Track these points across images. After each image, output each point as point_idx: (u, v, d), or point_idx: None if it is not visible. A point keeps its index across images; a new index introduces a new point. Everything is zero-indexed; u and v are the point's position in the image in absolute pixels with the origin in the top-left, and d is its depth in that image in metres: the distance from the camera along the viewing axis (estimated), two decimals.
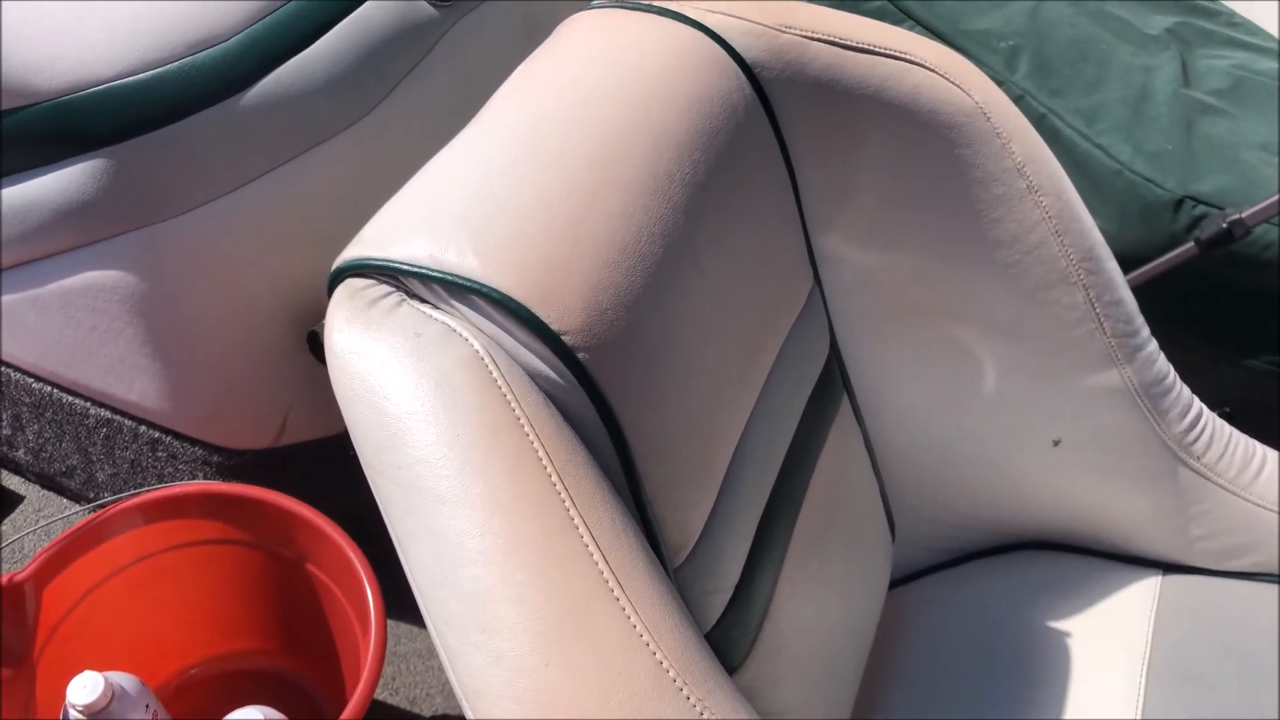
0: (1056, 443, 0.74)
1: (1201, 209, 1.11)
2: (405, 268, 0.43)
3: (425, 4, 0.87)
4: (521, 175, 0.45)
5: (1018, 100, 1.21)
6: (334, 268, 0.45)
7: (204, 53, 0.78)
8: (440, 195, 0.45)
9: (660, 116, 0.50)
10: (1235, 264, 1.10)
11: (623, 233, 0.46)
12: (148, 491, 0.83)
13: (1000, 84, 1.23)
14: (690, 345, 0.49)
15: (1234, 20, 1.40)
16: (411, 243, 0.43)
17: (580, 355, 0.43)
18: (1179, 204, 1.12)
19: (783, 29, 0.59)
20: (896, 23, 1.30)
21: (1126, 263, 0.73)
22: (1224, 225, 0.94)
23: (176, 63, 0.77)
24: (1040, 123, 1.21)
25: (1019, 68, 1.23)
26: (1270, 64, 1.32)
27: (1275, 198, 0.92)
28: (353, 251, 0.45)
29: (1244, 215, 0.94)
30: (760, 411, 0.57)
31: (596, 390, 0.44)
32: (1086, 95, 1.21)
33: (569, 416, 0.44)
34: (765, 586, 0.57)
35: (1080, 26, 1.30)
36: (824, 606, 0.65)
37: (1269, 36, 1.40)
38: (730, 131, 0.54)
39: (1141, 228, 1.14)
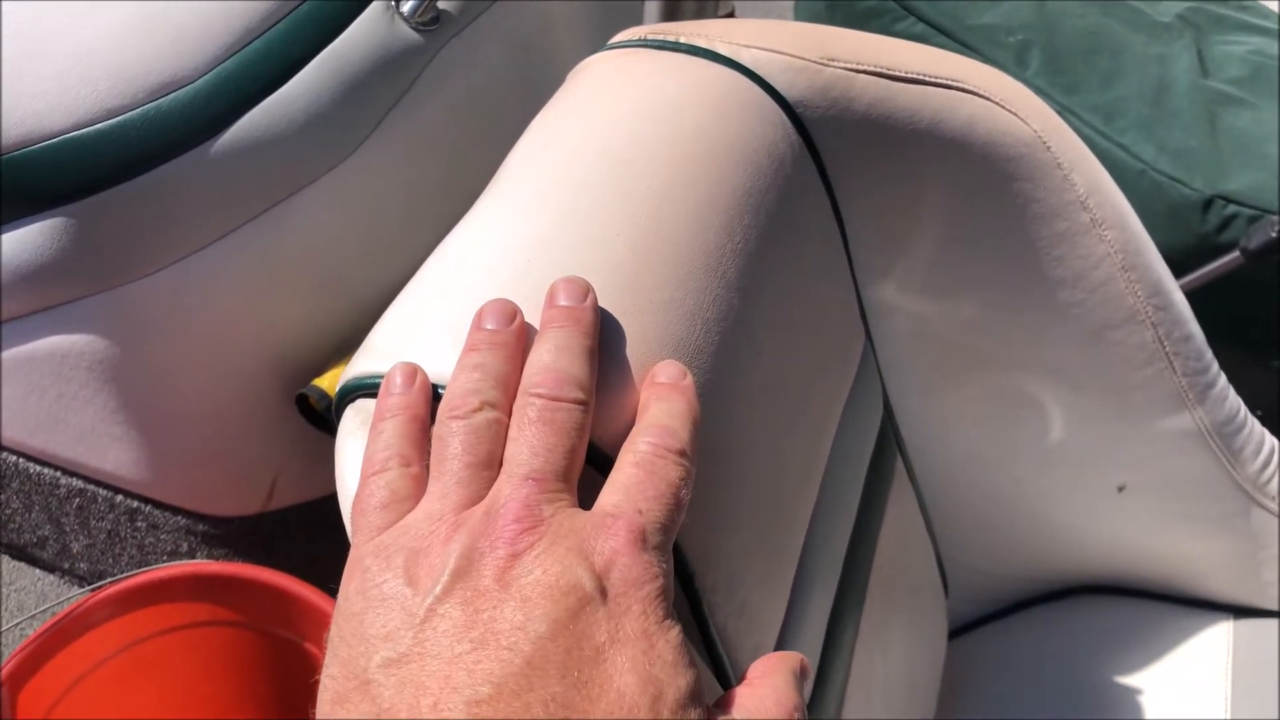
0: (1121, 488, 0.68)
1: (1232, 208, 1.05)
2: None
3: (407, 29, 0.80)
4: (556, 265, 0.39)
5: None
6: (340, 385, 0.38)
7: (169, 96, 0.70)
8: (463, 290, 0.38)
9: (704, 179, 0.44)
10: (1266, 264, 1.04)
11: (675, 325, 0.39)
12: (128, 577, 0.76)
13: None
14: (756, 449, 0.43)
15: (1245, 4, 1.35)
16: (434, 355, 0.37)
17: None
18: (1208, 204, 1.06)
19: (826, 63, 0.52)
20: (898, 20, 1.24)
21: None
22: (1273, 234, 0.89)
23: (139, 109, 0.70)
24: None
25: (1030, 64, 1.17)
26: None
27: None
28: (362, 365, 0.38)
29: None
30: (824, 498, 0.50)
31: None
32: (1102, 91, 1.15)
33: None
34: (836, 692, 0.51)
35: (1090, 16, 1.24)
36: (891, 694, 0.59)
37: None
38: (779, 186, 0.48)
39: (1168, 230, 1.09)
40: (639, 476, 0.33)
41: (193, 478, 0.85)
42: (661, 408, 0.35)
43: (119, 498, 0.88)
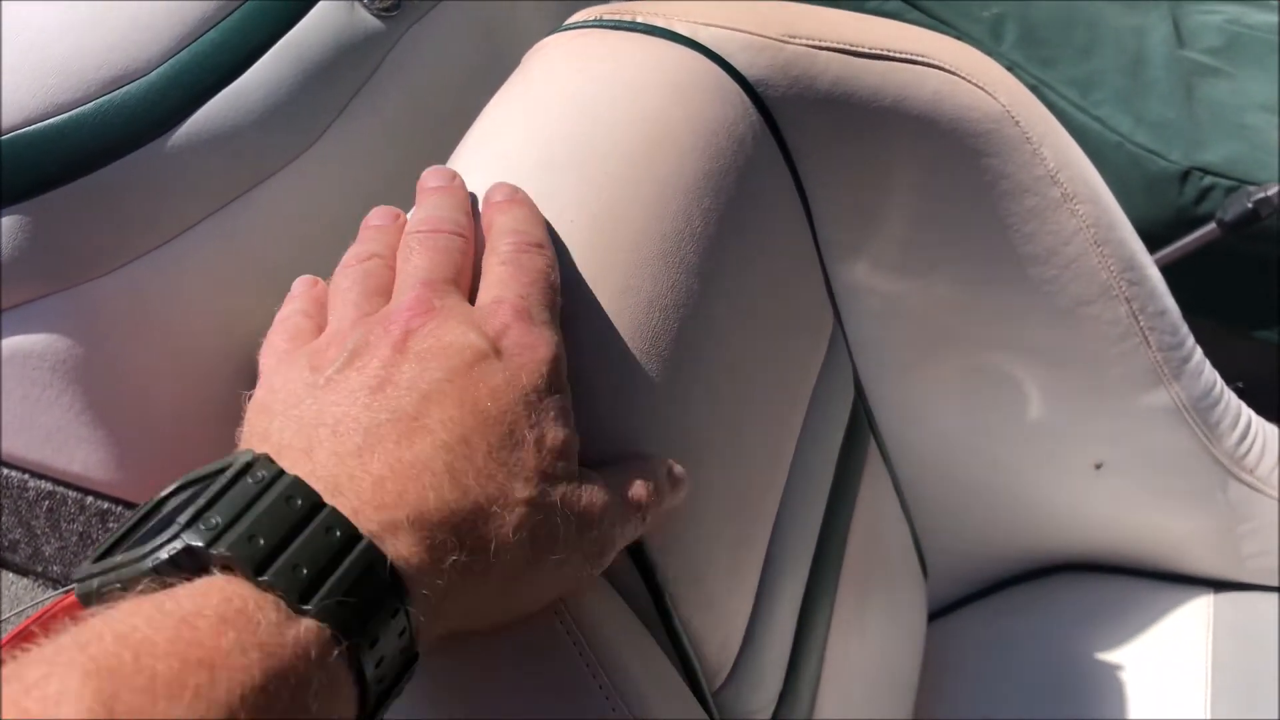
0: (1098, 466, 0.68)
1: (1210, 180, 1.05)
2: None
3: (368, 15, 0.78)
4: None
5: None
6: None
7: (122, 90, 0.68)
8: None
9: (662, 162, 0.43)
10: (1246, 235, 1.04)
11: (630, 312, 0.39)
12: None
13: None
14: (719, 436, 0.42)
15: None
16: None
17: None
18: (1185, 176, 1.05)
19: (786, 39, 0.51)
20: None
21: None
22: (1250, 205, 0.88)
23: (91, 103, 0.68)
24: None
25: (1005, 37, 1.16)
26: (1264, 17, 1.26)
27: None
28: None
29: (1271, 194, 0.88)
30: (793, 484, 0.50)
31: None
32: (1079, 63, 1.14)
33: None
34: (810, 681, 0.50)
35: None
36: (869, 679, 0.58)
37: None
38: (740, 168, 0.47)
39: (1146, 203, 1.08)
40: (510, 271, 0.35)
41: (162, 477, 0.83)
42: (505, 219, 0.37)
43: (89, 499, 0.86)
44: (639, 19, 0.49)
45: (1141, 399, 0.64)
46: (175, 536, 0.24)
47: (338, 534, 0.25)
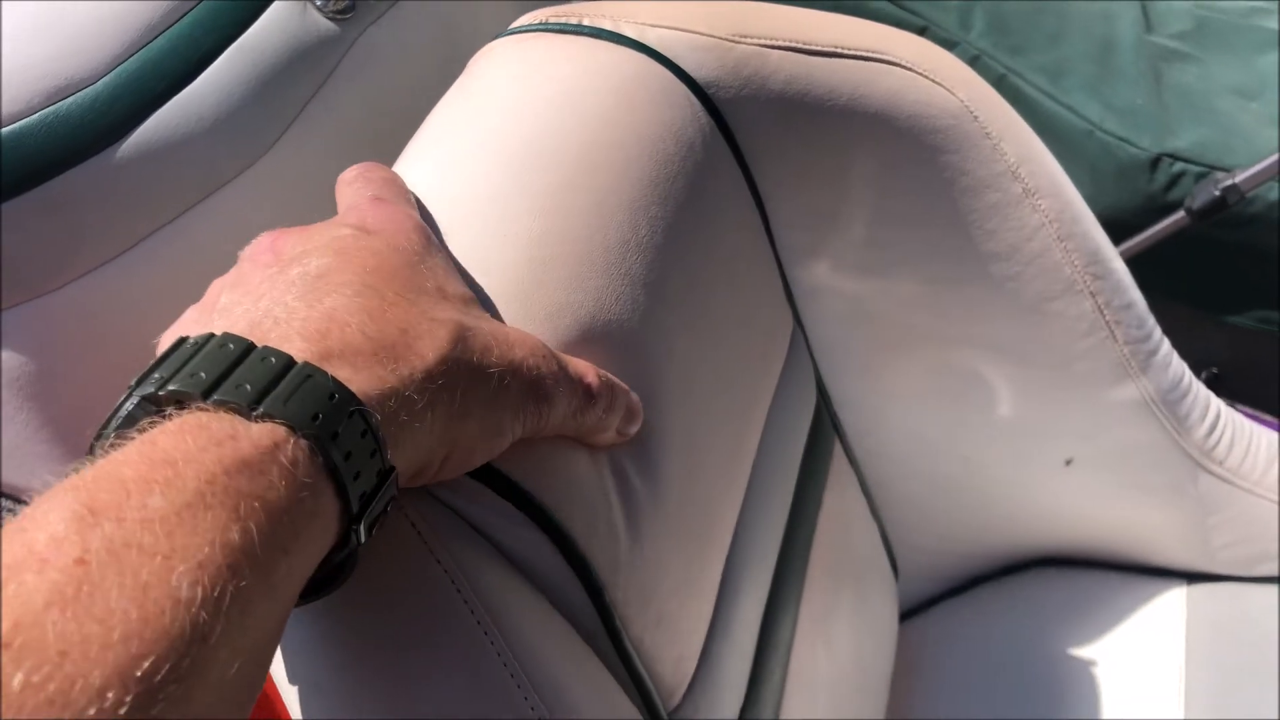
0: (1068, 462, 0.67)
1: (1180, 166, 1.04)
2: None
3: (321, 18, 0.77)
4: None
5: (974, 61, 1.13)
6: None
7: (68, 100, 0.67)
8: None
9: (606, 170, 0.42)
10: (1217, 220, 1.03)
11: (571, 328, 0.38)
12: None
13: (955, 45, 1.15)
14: (672, 449, 0.41)
15: None
16: None
17: (529, 490, 0.35)
18: (1155, 162, 1.05)
19: (737, 39, 0.50)
20: None
21: (1105, 228, 0.66)
22: (1217, 193, 0.87)
23: (36, 114, 0.67)
24: (1001, 83, 1.13)
25: (974, 25, 1.15)
26: (1232, 1, 1.25)
27: (1271, 160, 0.85)
28: None
29: (1238, 181, 0.87)
30: (754, 493, 0.49)
31: (557, 528, 0.35)
32: (1047, 51, 1.13)
33: (520, 563, 0.35)
34: (773, 692, 0.49)
35: None
36: (837, 686, 0.58)
37: None
38: (689, 174, 0.46)
39: (1117, 190, 1.07)
40: (359, 184, 0.38)
41: None
42: (350, 176, 0.40)
43: None
44: (585, 21, 0.48)
45: (1109, 393, 0.63)
46: (129, 396, 0.27)
47: (273, 360, 0.26)
